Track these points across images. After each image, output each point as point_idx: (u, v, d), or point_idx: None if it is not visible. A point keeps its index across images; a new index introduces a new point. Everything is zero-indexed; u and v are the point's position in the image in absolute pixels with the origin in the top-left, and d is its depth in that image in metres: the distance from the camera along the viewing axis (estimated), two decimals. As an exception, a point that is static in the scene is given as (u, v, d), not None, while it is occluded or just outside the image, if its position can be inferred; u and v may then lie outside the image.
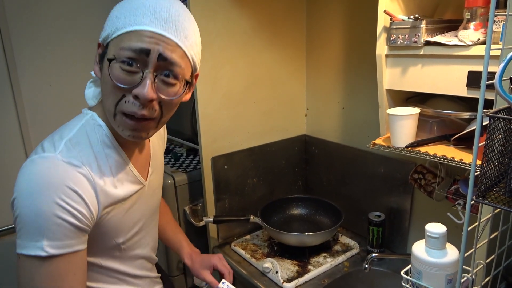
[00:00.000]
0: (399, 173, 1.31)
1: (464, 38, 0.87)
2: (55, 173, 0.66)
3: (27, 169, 0.67)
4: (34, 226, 0.64)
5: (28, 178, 0.66)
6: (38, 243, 0.64)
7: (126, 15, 0.67)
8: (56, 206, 0.64)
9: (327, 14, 1.47)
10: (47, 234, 0.64)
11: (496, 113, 0.52)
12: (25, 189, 0.65)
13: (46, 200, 0.64)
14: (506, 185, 0.52)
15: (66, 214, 0.66)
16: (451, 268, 0.67)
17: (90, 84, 0.80)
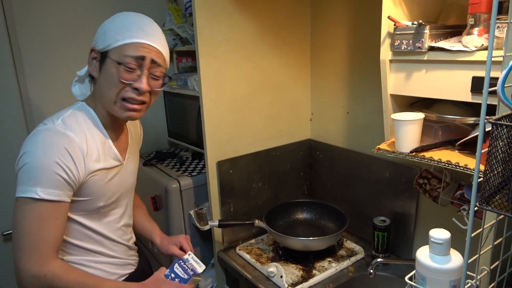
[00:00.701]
0: (404, 177, 1.31)
1: (468, 44, 0.87)
2: (55, 138, 0.86)
3: (34, 135, 0.87)
4: (33, 175, 0.83)
5: (35, 141, 0.86)
6: (34, 188, 0.83)
7: (122, 31, 0.91)
8: (53, 163, 0.84)
9: (331, 20, 1.48)
10: (42, 183, 0.83)
11: (499, 119, 0.52)
12: (32, 148, 0.85)
13: (46, 156, 0.84)
14: (509, 192, 0.52)
15: (60, 169, 0.85)
16: (455, 274, 0.67)
17: (75, 83, 1.02)
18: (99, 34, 0.94)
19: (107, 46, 0.91)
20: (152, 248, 1.38)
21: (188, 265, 1.12)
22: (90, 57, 0.95)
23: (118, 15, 0.95)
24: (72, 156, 0.87)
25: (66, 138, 0.87)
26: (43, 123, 0.91)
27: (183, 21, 1.79)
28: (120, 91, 0.93)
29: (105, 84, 0.94)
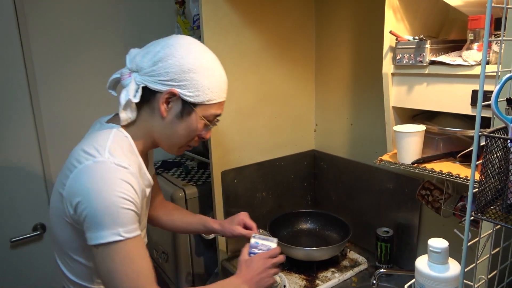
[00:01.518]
0: (407, 189, 1.32)
1: (468, 58, 0.89)
2: (113, 173, 0.81)
3: (88, 173, 0.81)
4: (107, 218, 0.78)
5: (91, 180, 0.79)
6: (115, 231, 0.79)
7: (217, 90, 0.92)
8: (120, 199, 0.79)
9: (336, 33, 1.51)
10: (119, 222, 0.79)
11: (493, 132, 0.54)
12: (91, 189, 0.79)
13: (111, 195, 0.78)
14: (503, 202, 0.54)
15: (128, 203, 0.81)
16: (453, 282, 0.68)
17: (126, 108, 0.90)
18: (189, 83, 0.88)
19: (198, 102, 0.90)
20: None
21: (261, 247, 1.08)
22: (166, 97, 0.88)
23: (208, 64, 0.91)
24: (133, 187, 0.83)
25: (122, 171, 0.82)
26: (88, 154, 0.83)
27: (191, 33, 1.83)
28: (190, 140, 0.96)
29: (180, 132, 0.93)
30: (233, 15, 1.35)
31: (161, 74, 0.87)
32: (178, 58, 0.87)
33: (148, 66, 0.88)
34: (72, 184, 0.81)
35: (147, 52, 0.89)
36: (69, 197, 0.82)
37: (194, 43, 0.92)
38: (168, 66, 0.86)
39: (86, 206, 0.79)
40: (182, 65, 0.86)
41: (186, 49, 0.88)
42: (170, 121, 0.91)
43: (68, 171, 0.83)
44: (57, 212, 0.88)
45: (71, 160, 0.85)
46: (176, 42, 0.89)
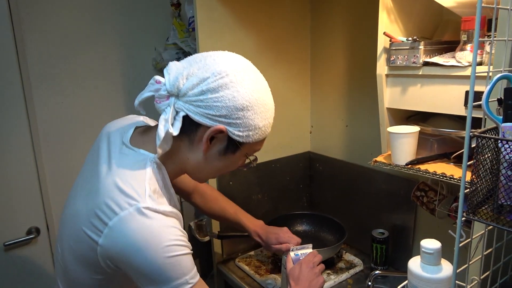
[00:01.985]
0: (402, 190, 1.32)
1: (461, 59, 0.89)
2: (161, 220, 0.72)
3: (132, 226, 0.70)
4: (171, 270, 0.71)
5: (140, 237, 0.70)
6: (182, 280, 0.73)
7: (268, 126, 0.83)
8: (177, 247, 0.72)
9: (331, 35, 1.51)
10: (184, 270, 0.73)
11: (484, 133, 0.54)
12: (143, 248, 0.70)
13: (168, 246, 0.71)
14: (495, 202, 0.54)
15: (184, 248, 0.74)
16: (446, 283, 0.68)
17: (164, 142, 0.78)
18: (241, 121, 0.77)
19: (246, 141, 0.80)
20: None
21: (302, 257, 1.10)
22: (212, 134, 0.77)
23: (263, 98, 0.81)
24: (181, 229, 0.76)
25: (168, 217, 0.74)
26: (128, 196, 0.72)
27: (187, 35, 1.83)
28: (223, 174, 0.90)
29: (219, 167, 0.84)
30: (228, 17, 1.35)
31: (210, 107, 0.74)
32: (232, 91, 0.74)
33: (194, 94, 0.74)
34: (114, 237, 0.71)
35: (193, 74, 0.75)
36: (109, 253, 0.72)
37: (248, 69, 0.80)
38: (220, 100, 0.74)
39: (140, 268, 0.71)
40: (236, 101, 0.75)
41: (241, 79, 0.76)
42: (210, 157, 0.81)
43: (103, 214, 0.72)
44: (77, 254, 0.78)
45: (105, 200, 0.72)
46: (229, 69, 0.76)
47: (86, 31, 1.67)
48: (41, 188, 1.60)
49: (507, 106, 0.54)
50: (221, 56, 0.79)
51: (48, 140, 1.62)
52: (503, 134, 0.54)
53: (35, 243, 1.60)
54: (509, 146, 0.51)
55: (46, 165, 1.62)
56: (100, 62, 1.71)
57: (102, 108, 1.72)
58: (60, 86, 1.64)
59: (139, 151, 0.79)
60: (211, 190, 1.27)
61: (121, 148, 0.80)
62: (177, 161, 0.82)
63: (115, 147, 0.81)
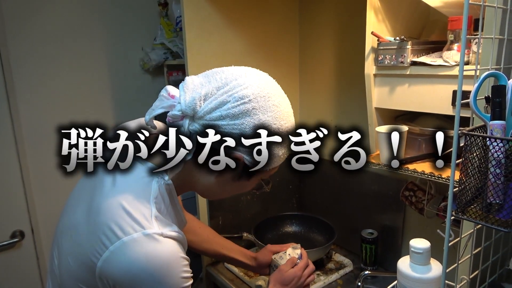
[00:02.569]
0: (391, 190, 1.33)
1: (448, 59, 0.90)
2: (168, 249, 0.67)
3: (136, 253, 0.66)
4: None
5: (147, 264, 0.65)
6: None
7: (285, 156, 0.77)
8: (181, 280, 0.68)
9: (319, 35, 1.51)
10: None
11: (472, 131, 0.54)
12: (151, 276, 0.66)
13: (175, 279, 0.67)
14: (483, 201, 0.54)
15: (188, 279, 0.70)
16: (435, 283, 0.67)
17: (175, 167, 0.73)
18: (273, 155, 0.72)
19: (264, 170, 0.75)
20: None
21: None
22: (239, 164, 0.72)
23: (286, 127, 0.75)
24: (188, 259, 0.72)
25: (175, 242, 0.70)
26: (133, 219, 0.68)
27: (174, 35, 1.82)
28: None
29: (231, 191, 0.81)
30: (216, 16, 1.34)
31: (227, 134, 0.69)
32: (253, 119, 0.69)
33: (212, 118, 0.69)
34: (114, 263, 0.67)
35: (212, 95, 0.69)
36: (108, 276, 0.68)
37: (273, 94, 0.74)
38: (239, 127, 0.69)
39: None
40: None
41: (265, 106, 0.70)
42: (223, 181, 0.76)
43: (105, 237, 0.67)
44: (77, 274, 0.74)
45: (105, 221, 0.68)
46: (252, 95, 0.70)
47: (72, 30, 1.65)
48: (25, 191, 1.57)
49: (495, 104, 0.54)
50: (244, 76, 0.72)
51: (32, 142, 1.59)
52: (491, 132, 0.54)
53: (20, 247, 1.57)
54: (497, 144, 0.51)
55: (31, 167, 1.58)
56: (86, 62, 1.69)
57: (88, 109, 1.69)
58: (45, 86, 1.61)
59: (146, 164, 0.74)
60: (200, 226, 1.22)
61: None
62: (187, 182, 0.78)
63: None
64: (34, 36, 1.57)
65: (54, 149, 0.79)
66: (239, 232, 1.44)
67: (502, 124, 0.53)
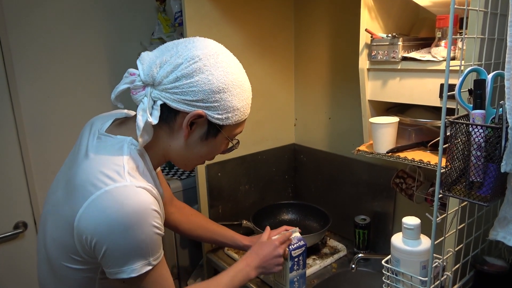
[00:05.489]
0: (382, 178, 1.40)
1: (436, 54, 0.96)
2: (140, 199, 0.71)
3: (108, 203, 0.69)
4: (138, 251, 0.71)
5: (115, 213, 0.68)
6: (145, 261, 0.72)
7: (246, 107, 0.83)
8: (152, 229, 0.72)
9: (314, 31, 1.57)
10: (149, 252, 0.73)
11: (457, 119, 0.61)
12: (116, 225, 0.68)
13: (145, 227, 0.70)
14: (467, 180, 0.61)
15: (159, 230, 0.74)
16: (425, 255, 0.75)
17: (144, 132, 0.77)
18: (219, 104, 0.77)
19: (228, 124, 0.80)
20: None
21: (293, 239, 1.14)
22: (191, 120, 0.77)
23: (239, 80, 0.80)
24: (158, 211, 0.75)
25: (147, 195, 0.73)
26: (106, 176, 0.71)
27: (172, 30, 1.86)
28: (208, 159, 0.88)
29: (201, 153, 0.84)
30: (215, 12, 1.39)
31: (186, 93, 0.74)
32: (207, 75, 0.74)
33: (169, 81, 0.74)
34: (88, 216, 0.69)
35: (166, 62, 0.75)
36: (84, 231, 0.70)
37: (221, 52, 0.79)
38: (195, 85, 0.74)
39: (110, 244, 0.70)
40: (212, 84, 0.74)
41: (215, 62, 0.76)
42: (192, 143, 0.81)
43: (80, 195, 0.71)
44: (60, 246, 0.77)
45: (83, 184, 0.72)
46: (202, 53, 0.75)
47: (71, 26, 1.67)
48: (27, 183, 1.60)
49: (476, 96, 0.61)
50: (192, 42, 0.78)
51: (34, 135, 1.62)
52: (473, 120, 0.61)
53: (22, 238, 1.61)
54: (478, 130, 0.58)
55: (33, 159, 1.61)
56: (85, 55, 1.72)
57: (88, 102, 1.73)
58: (46, 80, 1.63)
59: (115, 137, 0.79)
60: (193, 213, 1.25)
61: (98, 137, 0.81)
62: (159, 149, 0.82)
63: (93, 137, 0.81)
64: (34, 31, 1.59)
65: (55, 141, 0.83)
66: (238, 220, 1.50)
67: (483, 113, 0.61)
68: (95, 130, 0.83)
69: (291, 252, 1.12)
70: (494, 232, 0.67)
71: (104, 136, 0.80)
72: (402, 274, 0.78)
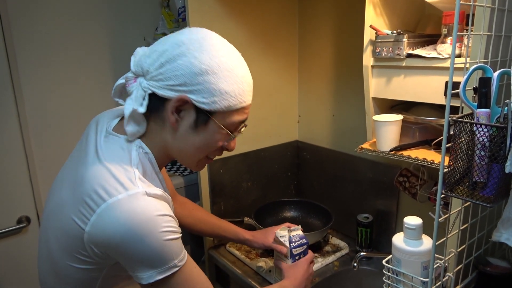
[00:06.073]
0: (385, 176, 1.39)
1: (442, 52, 0.95)
2: (151, 207, 0.71)
3: (121, 212, 0.69)
4: (160, 258, 0.71)
5: (130, 222, 0.68)
6: (171, 264, 0.72)
7: (238, 93, 0.77)
8: (166, 234, 0.71)
9: (318, 27, 1.55)
10: (173, 255, 0.73)
11: (461, 118, 0.60)
12: (133, 234, 0.69)
13: (157, 235, 0.70)
14: (470, 180, 0.60)
15: (174, 234, 0.73)
16: (426, 256, 0.74)
17: (130, 122, 0.77)
18: (202, 87, 0.73)
19: (215, 109, 0.76)
20: None
21: (295, 238, 1.14)
22: (176, 105, 0.75)
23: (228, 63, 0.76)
24: (171, 215, 0.75)
25: (159, 202, 0.73)
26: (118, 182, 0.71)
27: (176, 25, 1.85)
28: (211, 152, 0.84)
29: (197, 144, 0.80)
30: (219, 7, 1.38)
31: (170, 77, 0.73)
32: (189, 58, 0.72)
33: (155, 68, 0.74)
34: (101, 225, 0.70)
35: (154, 51, 0.75)
36: (97, 240, 0.71)
37: (209, 37, 0.77)
38: (178, 68, 0.72)
39: (127, 253, 0.71)
40: (194, 66, 0.72)
41: (199, 46, 0.73)
42: (184, 132, 0.78)
43: (92, 201, 0.71)
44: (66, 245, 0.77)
45: (93, 187, 0.71)
46: (187, 38, 0.74)
47: (75, 21, 1.67)
48: (31, 178, 1.61)
49: (481, 94, 0.59)
50: (182, 30, 0.78)
51: (37, 130, 1.63)
52: (477, 119, 0.60)
53: (26, 232, 1.61)
54: (483, 129, 0.57)
55: (36, 154, 1.62)
56: (88, 52, 1.72)
57: (91, 98, 1.73)
58: (49, 75, 1.64)
59: (122, 137, 0.79)
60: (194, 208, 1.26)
61: (106, 136, 0.80)
62: (157, 144, 0.81)
63: (100, 136, 0.81)
64: (38, 28, 1.59)
65: (58, 136, 0.83)
66: (240, 217, 1.50)
67: (487, 112, 0.59)
68: (102, 128, 0.82)
69: (292, 250, 1.11)
70: (497, 233, 0.65)
71: (112, 135, 0.80)
72: (403, 274, 0.77)
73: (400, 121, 1.05)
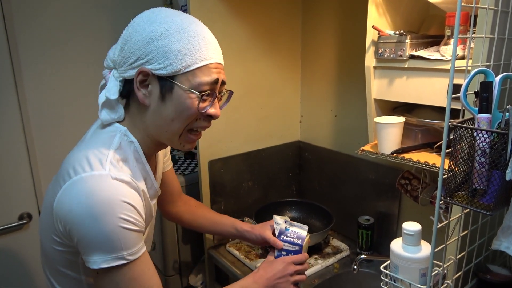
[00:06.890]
0: (387, 179, 1.37)
1: (445, 53, 0.93)
2: (111, 191, 0.71)
3: (79, 189, 0.70)
4: (108, 243, 0.70)
5: (85, 200, 0.69)
6: (118, 254, 0.71)
7: (194, 51, 0.74)
8: (122, 221, 0.71)
9: (321, 27, 1.54)
10: (122, 246, 0.71)
11: (461, 123, 0.58)
12: (86, 213, 0.69)
13: (112, 218, 0.69)
14: (469, 187, 0.59)
15: (131, 224, 0.72)
16: (424, 262, 0.73)
17: (103, 108, 0.81)
18: (155, 54, 0.73)
19: (174, 72, 0.74)
20: None
21: (291, 234, 1.02)
22: (138, 80, 0.76)
23: (178, 26, 0.74)
24: (136, 207, 0.73)
25: (123, 187, 0.72)
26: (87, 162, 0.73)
27: (179, 24, 1.84)
28: (191, 122, 0.80)
29: (170, 116, 0.77)
30: (220, 6, 1.37)
31: (129, 57, 0.75)
32: (140, 32, 0.74)
33: (118, 55, 0.77)
34: (63, 200, 0.71)
35: (117, 43, 0.79)
36: (59, 215, 0.72)
37: (159, 10, 0.78)
38: (133, 45, 0.74)
39: (80, 231, 0.70)
40: (144, 38, 0.73)
41: (148, 19, 0.75)
42: (155, 107, 0.77)
43: (62, 180, 0.73)
44: (46, 227, 0.79)
45: (66, 167, 0.74)
46: (138, 17, 0.78)
47: (77, 19, 1.67)
48: (32, 174, 1.61)
49: (483, 99, 0.58)
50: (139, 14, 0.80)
51: (39, 126, 1.63)
52: (478, 124, 0.58)
53: (27, 229, 1.62)
54: (483, 135, 0.55)
55: (38, 151, 1.62)
56: (92, 49, 1.71)
57: (94, 95, 1.72)
58: (51, 73, 1.64)
59: (113, 125, 0.81)
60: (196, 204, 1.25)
61: (100, 126, 0.83)
62: (141, 130, 0.81)
63: (95, 126, 0.85)
64: (41, 24, 1.59)
65: (60, 133, 0.85)
66: (240, 217, 1.49)
67: (488, 117, 0.58)
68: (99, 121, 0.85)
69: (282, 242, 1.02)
70: (497, 241, 0.64)
71: (103, 125, 0.83)
72: (400, 281, 0.76)
73: (402, 124, 1.04)
